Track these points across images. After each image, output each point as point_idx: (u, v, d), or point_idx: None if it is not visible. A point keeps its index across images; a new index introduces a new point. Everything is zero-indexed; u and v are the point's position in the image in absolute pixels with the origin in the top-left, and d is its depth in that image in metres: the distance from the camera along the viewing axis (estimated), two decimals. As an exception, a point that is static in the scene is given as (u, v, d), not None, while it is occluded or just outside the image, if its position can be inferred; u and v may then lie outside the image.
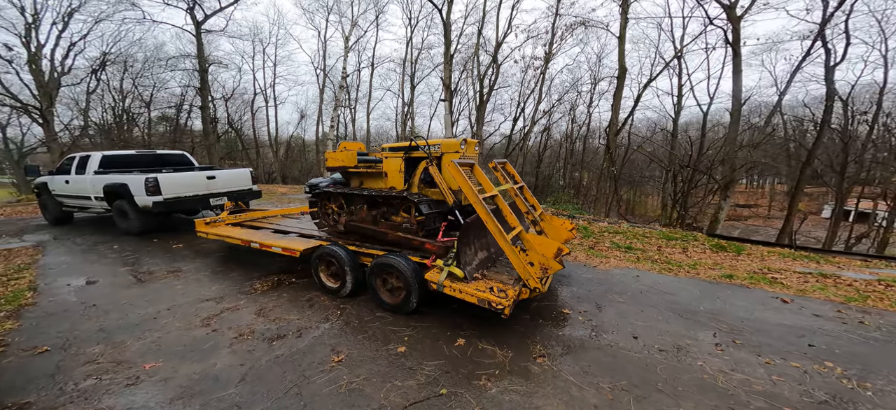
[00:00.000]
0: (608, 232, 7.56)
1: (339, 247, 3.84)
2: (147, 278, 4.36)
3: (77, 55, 20.77)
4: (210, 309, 3.48)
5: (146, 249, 5.79)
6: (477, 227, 3.38)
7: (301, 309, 3.55)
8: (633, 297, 3.98)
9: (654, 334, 3.12)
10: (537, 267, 2.95)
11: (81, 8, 19.45)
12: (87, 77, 21.89)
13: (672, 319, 3.44)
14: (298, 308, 3.59)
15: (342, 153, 4.72)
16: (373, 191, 4.21)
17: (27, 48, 18.63)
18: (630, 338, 3.04)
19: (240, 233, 4.70)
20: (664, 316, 3.51)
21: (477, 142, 4.41)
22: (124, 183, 6.40)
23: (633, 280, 4.56)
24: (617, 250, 6.14)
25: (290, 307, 3.60)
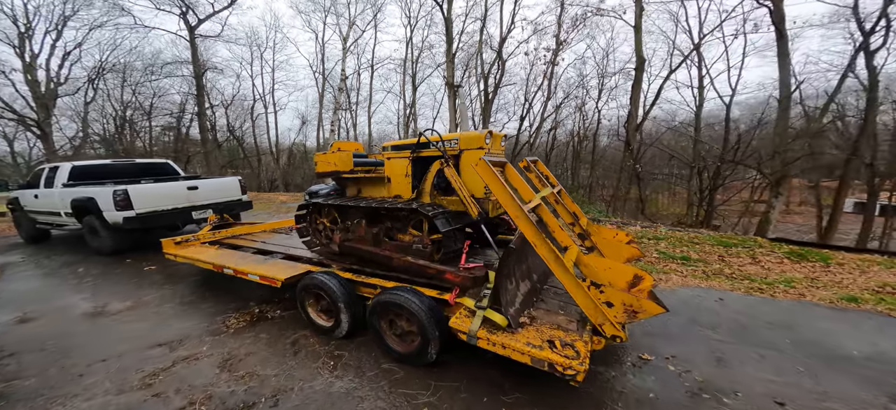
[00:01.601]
0: (647, 237, 6.58)
1: (329, 276, 2.95)
2: (99, 312, 3.51)
3: (73, 65, 20.35)
4: (159, 360, 2.61)
5: (114, 272, 4.97)
6: (518, 251, 2.46)
7: (281, 358, 2.66)
8: (734, 333, 3.01)
9: (809, 399, 2.15)
10: (619, 307, 2.03)
11: (74, 16, 19.03)
12: (85, 86, 21.44)
13: (822, 371, 2.46)
14: (278, 355, 2.70)
15: (334, 155, 3.84)
16: (373, 202, 3.32)
17: (21, 58, 18.22)
18: (774, 407, 2.08)
19: (213, 256, 3.84)
20: (805, 365, 2.53)
21: (504, 135, 3.50)
22: (91, 196, 5.61)
23: (716, 304, 3.59)
24: (671, 261, 5.17)
25: (268, 355, 2.71)
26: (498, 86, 17.67)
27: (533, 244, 2.16)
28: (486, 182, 2.29)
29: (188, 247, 4.32)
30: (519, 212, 2.18)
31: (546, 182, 3.35)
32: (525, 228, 2.15)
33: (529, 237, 2.15)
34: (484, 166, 2.31)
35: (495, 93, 17.96)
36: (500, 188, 2.25)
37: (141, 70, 21.46)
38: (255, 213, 9.84)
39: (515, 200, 2.18)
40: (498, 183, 2.25)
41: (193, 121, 22.83)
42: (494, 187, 2.27)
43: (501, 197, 2.24)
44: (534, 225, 2.15)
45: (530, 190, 2.71)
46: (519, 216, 2.17)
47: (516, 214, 2.18)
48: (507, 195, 2.22)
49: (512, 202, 2.20)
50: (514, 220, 2.19)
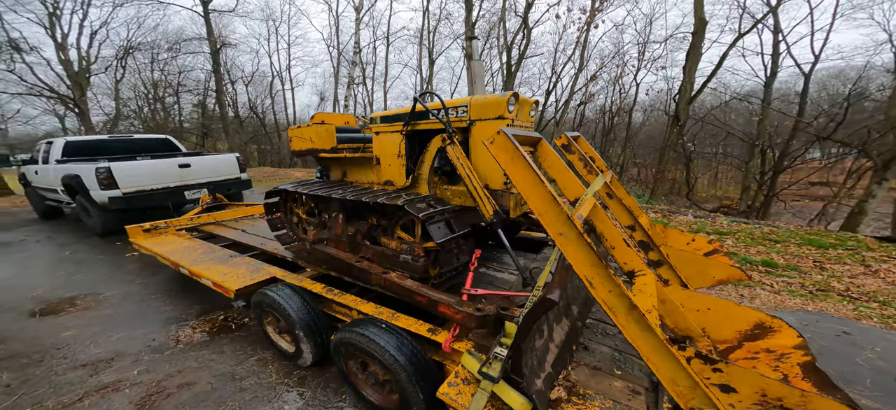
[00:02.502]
0: (705, 230, 5.35)
1: (289, 291, 2.20)
2: (49, 310, 3.04)
3: (101, 43, 20.77)
4: (70, 389, 2.01)
5: (97, 258, 4.60)
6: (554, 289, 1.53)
7: (225, 393, 2.00)
8: (892, 392, 1.98)
9: None
10: (749, 395, 1.09)
11: (98, -6, 19.12)
12: (114, 65, 21.98)
13: None
14: (223, 387, 2.05)
15: (310, 129, 3.00)
16: (348, 190, 2.48)
17: (53, 38, 18.71)
18: None
19: (172, 249, 3.22)
20: None
21: (535, 102, 2.49)
22: (77, 174, 5.22)
23: (841, 342, 2.52)
24: (752, 268, 4.01)
25: (210, 387, 2.06)
26: (522, 56, 15.87)
27: (586, 280, 1.23)
28: (504, 167, 1.36)
29: (157, 236, 3.77)
30: (560, 223, 1.23)
31: (593, 167, 2.34)
32: (575, 254, 1.21)
33: (581, 269, 1.22)
34: (502, 143, 1.36)
35: (519, 65, 16.21)
36: (527, 178, 1.30)
37: (166, 48, 21.61)
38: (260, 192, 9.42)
39: (555, 200, 1.24)
40: (524, 170, 1.30)
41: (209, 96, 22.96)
42: (518, 177, 1.32)
43: (531, 194, 1.30)
44: (588, 248, 1.21)
45: (576, 179, 1.73)
46: (562, 229, 1.23)
47: (556, 227, 1.24)
48: (540, 191, 1.27)
49: (548, 204, 1.25)
50: (553, 237, 1.26)
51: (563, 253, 1.27)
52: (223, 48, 20.58)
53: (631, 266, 1.66)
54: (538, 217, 1.29)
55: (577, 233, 1.22)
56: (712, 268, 2.19)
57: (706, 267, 2.20)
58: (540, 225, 3.25)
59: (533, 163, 1.27)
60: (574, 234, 1.23)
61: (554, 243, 1.30)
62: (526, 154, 1.28)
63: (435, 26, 19.86)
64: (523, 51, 15.77)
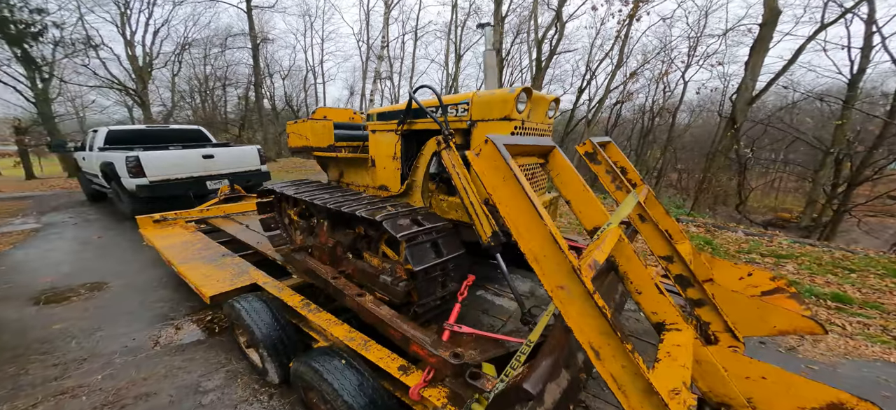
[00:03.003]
0: (760, 252, 4.53)
1: (257, 305, 1.98)
2: (50, 299, 3.10)
3: (162, 40, 22.66)
4: (30, 394, 1.93)
5: (119, 243, 4.80)
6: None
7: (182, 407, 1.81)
8: None
9: None
10: None
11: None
12: (172, 60, 23.90)
13: None
14: (182, 401, 1.86)
15: (305, 125, 2.78)
16: (338, 197, 2.20)
17: (123, 36, 20.65)
18: None
19: (169, 244, 3.17)
20: None
21: (554, 99, 2.06)
22: (111, 162, 5.51)
23: None
24: (816, 302, 3.29)
25: (169, 400, 1.89)
26: (554, 51, 14.93)
27: (590, 349, 0.84)
28: (490, 190, 0.98)
29: (165, 228, 3.79)
30: (562, 273, 0.84)
31: (623, 181, 1.87)
32: (578, 318, 0.83)
33: (585, 335, 0.83)
34: (490, 155, 0.98)
35: (550, 60, 15.28)
36: (520, 207, 0.92)
37: (216, 44, 23.13)
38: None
39: (555, 242, 0.85)
40: (517, 197, 0.92)
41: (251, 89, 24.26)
42: (507, 204, 0.94)
43: (524, 229, 0.91)
44: (596, 312, 0.81)
45: (596, 202, 1.31)
46: (563, 281, 0.85)
47: (556, 277, 0.85)
48: (536, 227, 0.89)
49: (547, 245, 0.87)
50: (549, 290, 0.87)
51: (562, 313, 0.88)
52: (263, 43, 21.63)
53: (661, 316, 1.22)
54: (531, 261, 0.91)
55: (583, 291, 0.83)
56: (773, 315, 1.66)
57: (765, 312, 1.67)
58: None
59: (528, 187, 0.89)
60: (579, 291, 0.84)
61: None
62: (520, 174, 0.90)
63: (463, 20, 19.38)
64: (555, 46, 14.87)
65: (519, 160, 1.31)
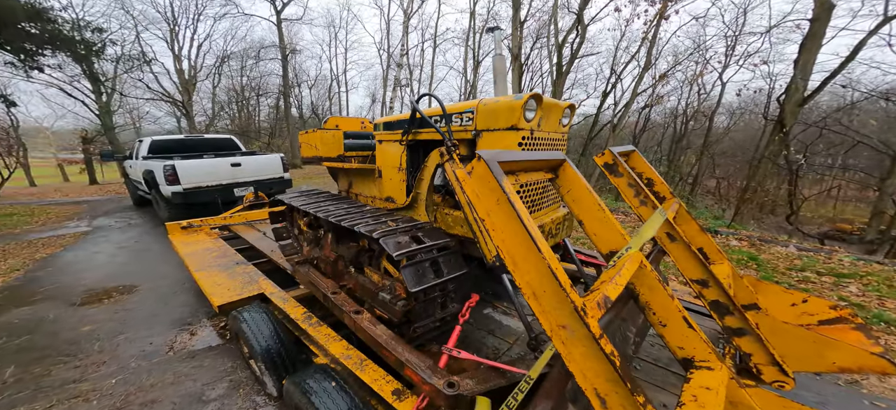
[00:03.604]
0: (816, 270, 3.99)
1: (259, 317, 1.96)
2: (85, 301, 3.31)
3: (205, 54, 24.62)
4: (48, 396, 2.01)
5: (153, 247, 5.11)
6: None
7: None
8: None
9: None
10: None
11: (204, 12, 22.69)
12: (213, 73, 25.80)
13: None
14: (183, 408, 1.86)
15: (315, 135, 2.80)
16: (341, 210, 2.17)
17: (172, 51, 22.67)
18: None
19: (190, 250, 3.30)
20: None
21: (569, 106, 1.91)
22: (151, 170, 5.93)
23: None
24: (889, 332, 2.81)
25: (172, 407, 1.90)
26: (575, 55, 14.44)
27: (596, 396, 0.69)
28: (482, 214, 0.86)
29: (191, 234, 3.97)
30: (565, 313, 0.71)
31: (648, 195, 1.67)
32: (582, 362, 0.69)
33: (589, 381, 0.69)
34: (481, 175, 0.87)
35: (571, 64, 14.79)
36: (514, 235, 0.80)
37: (251, 56, 24.78)
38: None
39: (554, 278, 0.72)
40: (509, 221, 0.80)
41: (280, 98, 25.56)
42: (501, 230, 0.82)
43: (520, 259, 0.78)
44: (602, 357, 0.67)
45: (613, 223, 1.15)
46: (565, 321, 0.71)
47: (556, 315, 0.72)
48: (533, 259, 0.76)
49: (545, 280, 0.74)
50: (549, 331, 0.73)
51: (563, 355, 0.74)
52: (292, 54, 22.88)
53: (689, 352, 1.03)
54: (528, 297, 0.78)
55: (586, 334, 0.69)
56: (833, 349, 1.39)
57: (823, 347, 1.40)
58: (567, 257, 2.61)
59: (524, 212, 0.76)
60: (583, 333, 0.70)
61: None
62: (514, 197, 0.78)
63: (481, 27, 19.34)
64: (577, 50, 14.40)
65: (521, 177, 1.18)
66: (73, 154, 27.34)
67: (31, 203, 9.76)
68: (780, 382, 1.30)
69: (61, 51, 11.09)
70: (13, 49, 9.84)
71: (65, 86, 15.77)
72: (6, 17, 8.88)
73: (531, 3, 16.82)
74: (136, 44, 19.63)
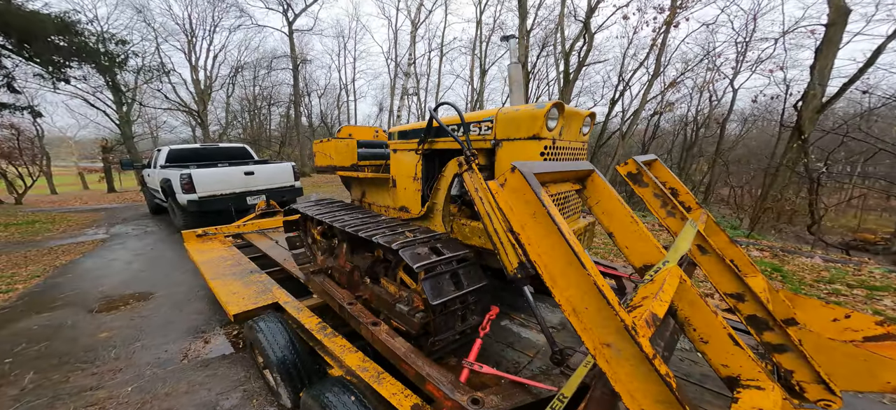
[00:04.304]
0: (845, 281, 3.81)
1: (275, 327, 1.94)
2: (104, 306, 3.35)
3: (220, 65, 25.41)
4: (66, 403, 2.02)
5: (168, 255, 5.18)
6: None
7: None
8: None
9: None
10: None
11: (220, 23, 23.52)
12: (227, 82, 26.54)
13: None
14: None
15: (330, 144, 2.82)
16: (357, 220, 2.15)
17: (189, 62, 23.47)
18: None
19: (205, 258, 3.33)
20: None
21: (590, 114, 1.88)
22: (169, 178, 6.06)
23: None
24: None
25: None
26: (582, 63, 14.44)
27: None
28: (517, 228, 0.82)
29: (206, 242, 4.01)
30: (610, 330, 0.67)
31: (675, 204, 1.61)
32: (629, 382, 0.64)
33: (637, 402, 0.63)
34: (516, 186, 0.84)
35: (578, 72, 14.78)
36: (555, 249, 0.76)
37: (264, 66, 25.46)
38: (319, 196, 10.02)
39: (600, 294, 0.68)
40: (550, 235, 0.77)
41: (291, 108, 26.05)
42: (540, 244, 0.78)
43: (560, 273, 0.75)
44: (655, 377, 0.62)
45: (646, 235, 1.10)
46: (611, 339, 0.67)
47: (600, 333, 0.68)
48: (575, 273, 0.72)
49: (590, 296, 0.69)
50: (592, 349, 0.69)
51: (608, 375, 0.69)
52: (302, 64, 23.46)
53: (734, 370, 0.97)
54: (568, 314, 0.73)
55: (638, 353, 0.65)
56: (884, 368, 1.29)
57: (875, 365, 1.30)
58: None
59: (565, 226, 0.73)
60: (633, 352, 0.66)
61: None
62: (554, 211, 0.75)
63: (488, 36, 19.56)
64: (584, 58, 14.42)
65: (551, 188, 1.15)
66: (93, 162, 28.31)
67: (52, 210, 10.08)
68: (827, 401, 1.22)
69: (87, 62, 11.55)
70: (42, 61, 10.29)
71: (88, 96, 16.40)
72: (36, 31, 9.32)
73: (537, 12, 16.97)
74: (155, 55, 20.37)
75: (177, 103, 23.00)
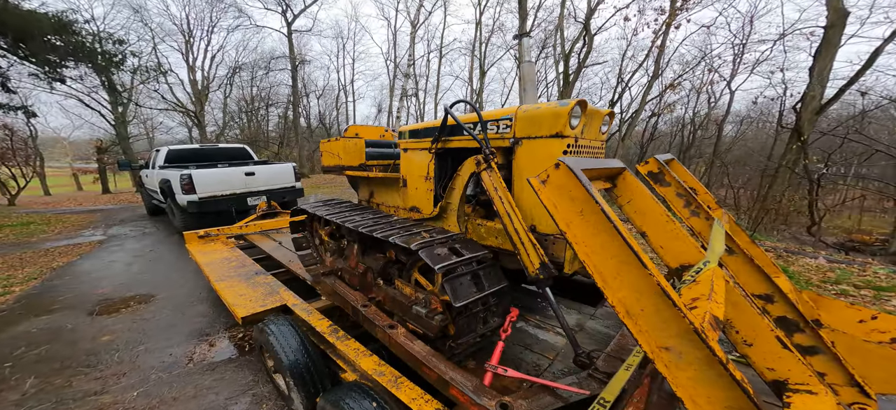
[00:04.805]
0: (849, 282, 3.81)
1: (286, 330, 1.89)
2: (104, 309, 3.28)
3: (218, 66, 25.22)
4: (68, 408, 1.95)
5: (167, 257, 5.09)
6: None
7: None
8: None
9: None
10: None
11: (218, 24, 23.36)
12: (224, 83, 26.33)
13: None
14: None
15: (338, 143, 2.77)
16: (370, 220, 2.11)
17: (186, 62, 23.26)
18: None
19: (208, 260, 3.26)
20: None
21: (609, 112, 1.85)
22: (168, 179, 5.97)
23: None
24: None
25: None
26: (582, 64, 14.52)
27: None
28: (562, 226, 0.79)
29: (208, 243, 3.94)
30: (671, 332, 0.63)
31: (699, 204, 1.59)
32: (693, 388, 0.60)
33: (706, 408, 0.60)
34: (562, 182, 0.80)
35: (578, 74, 14.84)
36: (610, 245, 0.72)
37: (262, 67, 25.30)
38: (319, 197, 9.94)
39: (664, 293, 0.64)
40: (605, 232, 0.73)
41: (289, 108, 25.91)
42: (591, 241, 0.75)
43: (614, 272, 0.71)
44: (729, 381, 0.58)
45: (683, 233, 1.07)
46: (671, 342, 0.63)
47: (660, 336, 0.64)
48: (635, 272, 0.68)
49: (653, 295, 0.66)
50: (650, 352, 0.65)
51: (668, 379, 0.65)
52: (301, 65, 23.37)
53: (782, 374, 0.94)
54: (623, 315, 0.70)
55: (708, 357, 0.61)
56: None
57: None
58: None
59: (620, 223, 0.69)
60: (697, 355, 0.62)
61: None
62: (607, 208, 0.71)
63: (487, 37, 19.59)
64: (583, 59, 14.48)
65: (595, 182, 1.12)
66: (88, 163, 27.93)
67: (46, 212, 9.92)
68: (862, 405, 1.19)
69: (84, 62, 11.40)
70: (38, 61, 10.15)
71: (84, 97, 16.19)
72: (33, 30, 9.19)
73: (537, 14, 17.04)
74: (152, 55, 20.17)
75: (173, 103, 22.80)
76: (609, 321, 2.08)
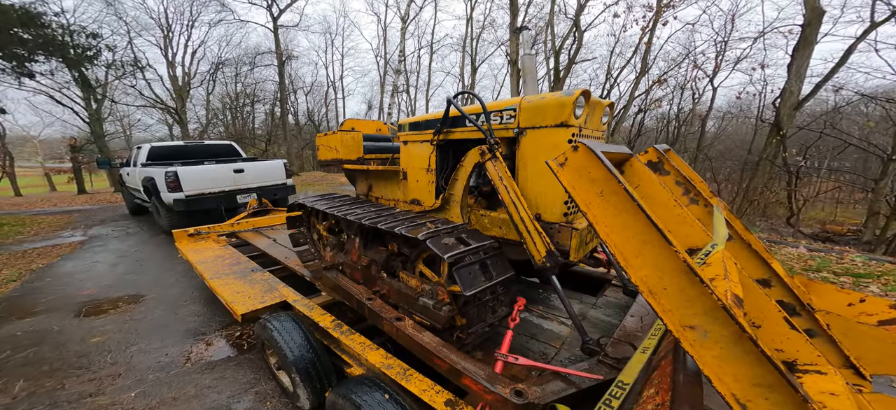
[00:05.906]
0: (829, 269, 4.01)
1: (289, 325, 1.86)
2: (92, 310, 3.16)
3: (199, 61, 24.32)
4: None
5: (154, 256, 4.93)
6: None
7: None
8: None
9: None
10: None
11: (198, 18, 22.49)
12: (207, 79, 25.46)
13: None
14: None
15: (335, 137, 2.73)
16: (372, 213, 2.09)
17: (165, 58, 22.36)
18: None
19: (200, 258, 3.18)
20: None
21: (610, 103, 1.88)
22: (152, 177, 5.76)
23: None
24: None
25: None
26: (572, 61, 14.70)
27: (736, 403, 0.63)
28: (583, 208, 0.80)
29: (198, 241, 3.83)
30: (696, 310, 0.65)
31: (699, 192, 1.64)
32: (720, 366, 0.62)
33: (730, 386, 0.62)
34: (583, 162, 0.82)
35: (569, 70, 15.03)
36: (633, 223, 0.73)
37: (246, 62, 24.54)
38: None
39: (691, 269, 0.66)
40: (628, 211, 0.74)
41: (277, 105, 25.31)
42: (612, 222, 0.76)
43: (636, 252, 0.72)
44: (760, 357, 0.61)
45: (691, 220, 1.10)
46: (696, 320, 0.65)
47: (685, 313, 0.66)
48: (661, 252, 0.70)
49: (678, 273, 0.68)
50: (675, 330, 0.67)
51: (695, 358, 0.68)
52: (288, 61, 22.80)
53: (789, 355, 0.98)
54: (646, 294, 0.72)
55: (732, 332, 0.63)
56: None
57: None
58: (600, 260, 2.56)
59: (641, 200, 0.71)
60: (724, 333, 0.64)
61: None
62: (628, 186, 0.73)
63: (479, 33, 19.56)
64: (574, 55, 14.65)
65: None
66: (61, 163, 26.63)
67: (19, 213, 9.44)
68: (857, 385, 1.26)
69: (54, 56, 10.84)
70: (5, 55, 9.60)
71: (54, 93, 15.37)
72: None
73: (527, 10, 17.10)
74: (128, 50, 19.28)
75: (152, 100, 21.90)
76: (610, 310, 2.13)
